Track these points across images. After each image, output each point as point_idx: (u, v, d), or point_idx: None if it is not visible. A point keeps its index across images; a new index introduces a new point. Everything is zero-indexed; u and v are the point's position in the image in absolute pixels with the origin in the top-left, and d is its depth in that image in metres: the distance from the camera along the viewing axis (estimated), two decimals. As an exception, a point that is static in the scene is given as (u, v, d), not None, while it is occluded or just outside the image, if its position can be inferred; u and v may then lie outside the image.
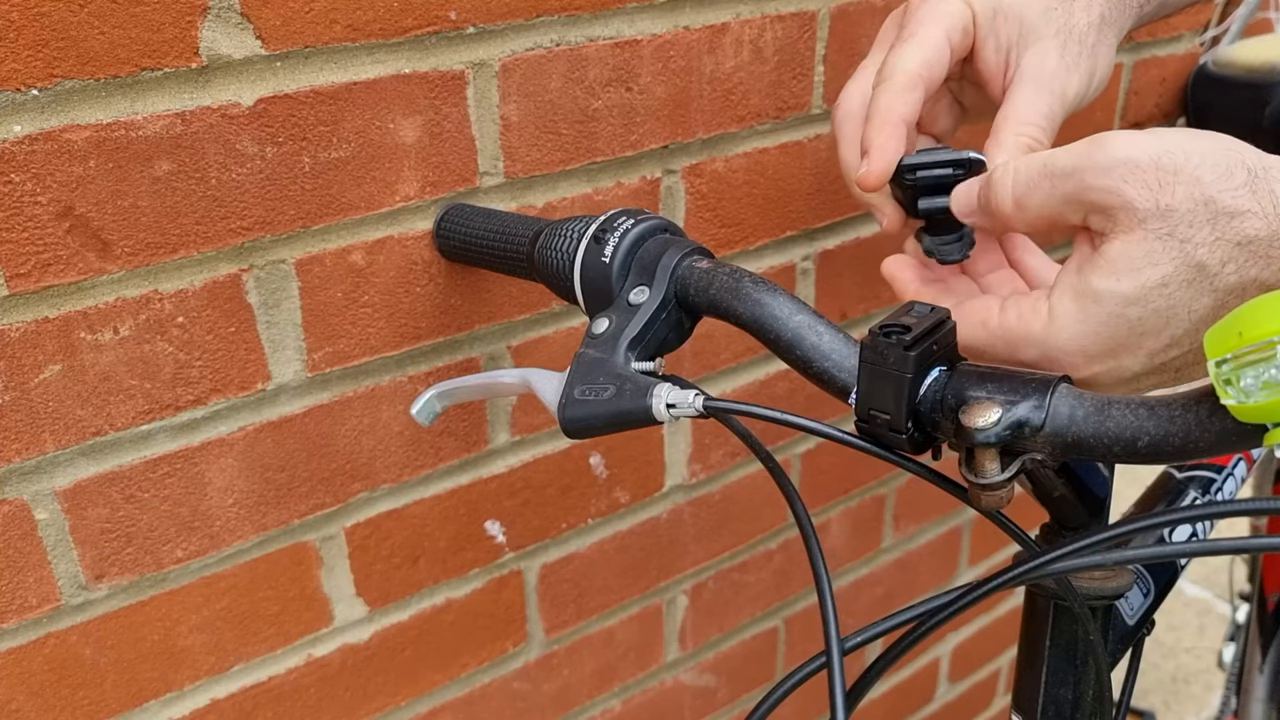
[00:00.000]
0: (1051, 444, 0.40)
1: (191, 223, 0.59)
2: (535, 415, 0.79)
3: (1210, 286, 0.43)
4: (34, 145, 0.53)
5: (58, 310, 0.57)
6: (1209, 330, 0.36)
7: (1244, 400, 0.34)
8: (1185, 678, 1.91)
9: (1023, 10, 0.56)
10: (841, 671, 0.41)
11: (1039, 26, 0.55)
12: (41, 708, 0.64)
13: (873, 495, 1.10)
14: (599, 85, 0.71)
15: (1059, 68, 0.55)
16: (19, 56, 0.51)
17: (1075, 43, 0.55)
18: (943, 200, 0.53)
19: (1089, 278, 0.45)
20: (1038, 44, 0.55)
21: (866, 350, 0.43)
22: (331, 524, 0.72)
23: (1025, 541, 0.47)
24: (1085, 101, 0.57)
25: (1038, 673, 0.57)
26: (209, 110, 0.57)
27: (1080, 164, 0.45)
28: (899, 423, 0.42)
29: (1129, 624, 0.65)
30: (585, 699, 0.95)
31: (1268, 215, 0.42)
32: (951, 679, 1.38)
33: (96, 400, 0.59)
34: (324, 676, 0.76)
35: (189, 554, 0.66)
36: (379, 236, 0.66)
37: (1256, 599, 1.13)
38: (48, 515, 0.61)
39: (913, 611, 0.45)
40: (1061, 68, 0.55)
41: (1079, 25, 0.56)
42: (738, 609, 1.04)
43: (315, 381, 0.67)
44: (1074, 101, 0.56)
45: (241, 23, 0.56)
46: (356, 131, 0.62)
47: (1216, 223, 0.42)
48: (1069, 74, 0.55)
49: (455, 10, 0.63)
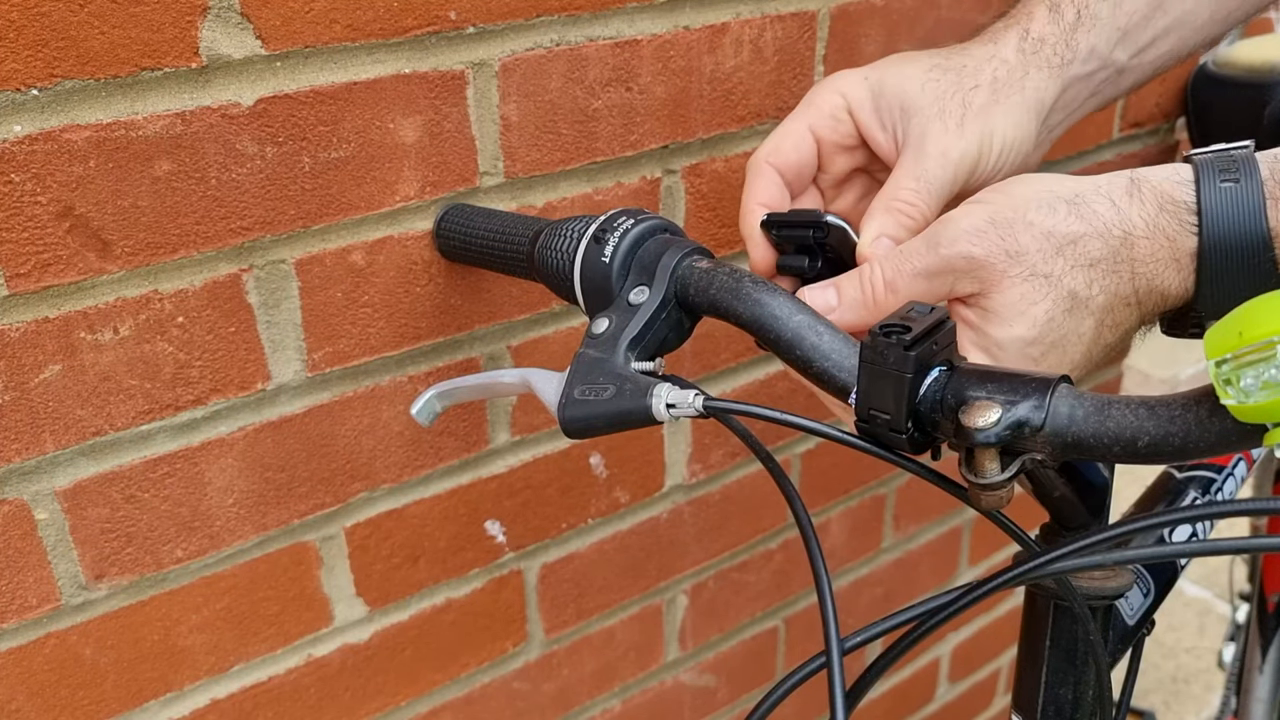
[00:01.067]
0: (1051, 444, 0.40)
1: (191, 223, 0.59)
2: (535, 415, 0.79)
3: (1087, 310, 0.48)
4: (34, 145, 0.53)
5: (58, 310, 0.57)
6: (1209, 330, 0.36)
7: (1244, 400, 0.34)
8: (1185, 678, 1.91)
9: (902, 88, 0.57)
10: (841, 671, 0.41)
11: (917, 99, 0.57)
12: (41, 708, 0.64)
13: (873, 495, 1.10)
14: (599, 85, 0.71)
15: (937, 132, 0.56)
16: (19, 56, 0.51)
17: (958, 107, 0.56)
18: (800, 260, 0.58)
19: (988, 332, 0.49)
20: (917, 115, 0.57)
21: (866, 350, 0.43)
22: (331, 524, 0.72)
23: (1025, 541, 0.47)
24: (994, 164, 0.57)
25: (1038, 673, 0.57)
26: (209, 110, 0.57)
27: (932, 242, 0.49)
28: (899, 423, 0.42)
29: (1129, 624, 0.65)
30: (585, 699, 0.95)
31: (1100, 234, 0.47)
32: (951, 679, 1.38)
33: (96, 400, 0.59)
34: (324, 676, 0.76)
35: (189, 554, 0.66)
36: (379, 236, 0.66)
37: (1256, 599, 1.13)
38: (48, 515, 0.61)
39: (913, 611, 0.45)
40: (939, 131, 0.56)
41: (964, 89, 0.57)
42: (738, 609, 1.04)
43: (315, 381, 0.67)
44: (966, 163, 0.56)
45: (241, 22, 0.56)
46: (356, 131, 0.62)
47: (1064, 252, 0.47)
48: (948, 137, 0.56)
49: (455, 10, 0.63)
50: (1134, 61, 0.62)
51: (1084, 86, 0.61)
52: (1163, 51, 0.63)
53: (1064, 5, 0.60)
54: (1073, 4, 0.60)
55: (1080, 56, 0.60)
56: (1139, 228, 0.46)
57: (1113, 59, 0.61)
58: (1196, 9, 0.62)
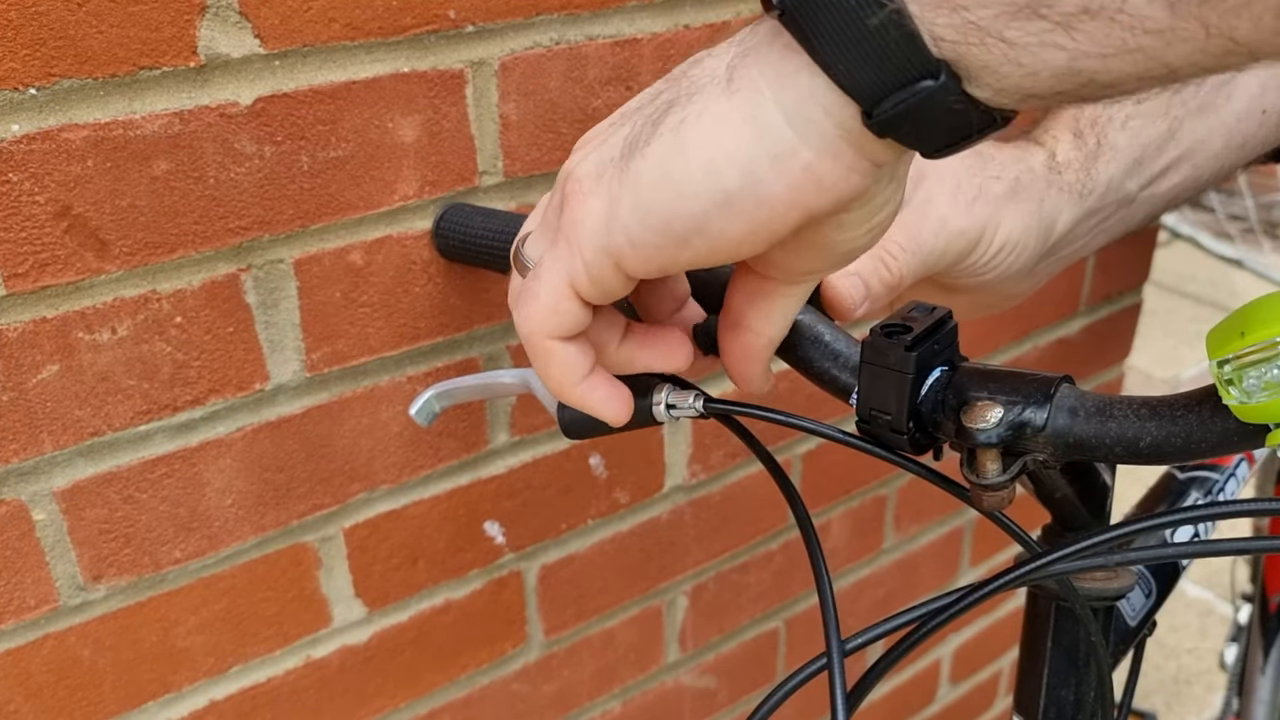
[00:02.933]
0: (1053, 444, 0.40)
1: (190, 222, 0.59)
2: (535, 415, 0.79)
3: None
4: (32, 145, 0.53)
5: (55, 310, 0.57)
6: (1210, 330, 0.36)
7: (1246, 401, 0.34)
8: (1187, 679, 1.91)
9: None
10: (842, 673, 0.40)
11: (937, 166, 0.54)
12: (40, 709, 0.64)
13: (874, 496, 1.10)
14: (599, 84, 0.71)
15: (944, 202, 0.54)
16: (17, 56, 0.51)
17: (973, 189, 0.55)
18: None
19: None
20: (930, 180, 0.54)
21: (867, 350, 0.43)
22: (330, 525, 0.72)
23: (1027, 543, 0.47)
24: (989, 258, 0.56)
25: (1039, 674, 0.57)
26: (207, 109, 0.57)
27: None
28: (900, 423, 0.42)
29: (1131, 625, 0.64)
30: (585, 700, 0.94)
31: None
32: (953, 680, 1.38)
33: (94, 400, 0.59)
34: (323, 678, 0.76)
35: (187, 555, 0.66)
36: (378, 236, 0.66)
37: (1258, 600, 1.13)
38: (46, 516, 0.60)
39: (914, 613, 0.44)
40: (946, 202, 0.54)
41: (985, 175, 0.55)
42: (738, 610, 1.03)
43: (314, 382, 0.67)
44: (961, 242, 0.54)
45: (240, 21, 0.56)
46: (355, 131, 0.62)
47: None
48: (954, 210, 0.54)
49: (454, 9, 0.63)
50: (1145, 193, 0.60)
51: (1094, 221, 0.59)
52: (1175, 183, 0.61)
53: (1086, 132, 0.58)
54: (1093, 131, 0.58)
55: (1099, 190, 0.58)
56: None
57: (1124, 189, 0.59)
58: (1209, 138, 0.60)
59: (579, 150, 0.38)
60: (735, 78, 0.33)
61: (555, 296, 0.37)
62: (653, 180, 0.34)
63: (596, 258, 0.36)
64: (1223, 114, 0.60)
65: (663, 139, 0.33)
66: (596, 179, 0.35)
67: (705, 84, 0.33)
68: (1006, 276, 0.57)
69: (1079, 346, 1.23)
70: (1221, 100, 0.60)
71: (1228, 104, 0.60)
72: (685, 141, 0.33)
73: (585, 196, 0.36)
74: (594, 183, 0.35)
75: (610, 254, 0.35)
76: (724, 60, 0.34)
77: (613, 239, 0.35)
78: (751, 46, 0.33)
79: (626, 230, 0.35)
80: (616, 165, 0.35)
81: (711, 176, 0.33)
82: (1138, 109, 0.59)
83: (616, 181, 0.35)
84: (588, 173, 0.36)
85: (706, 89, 0.33)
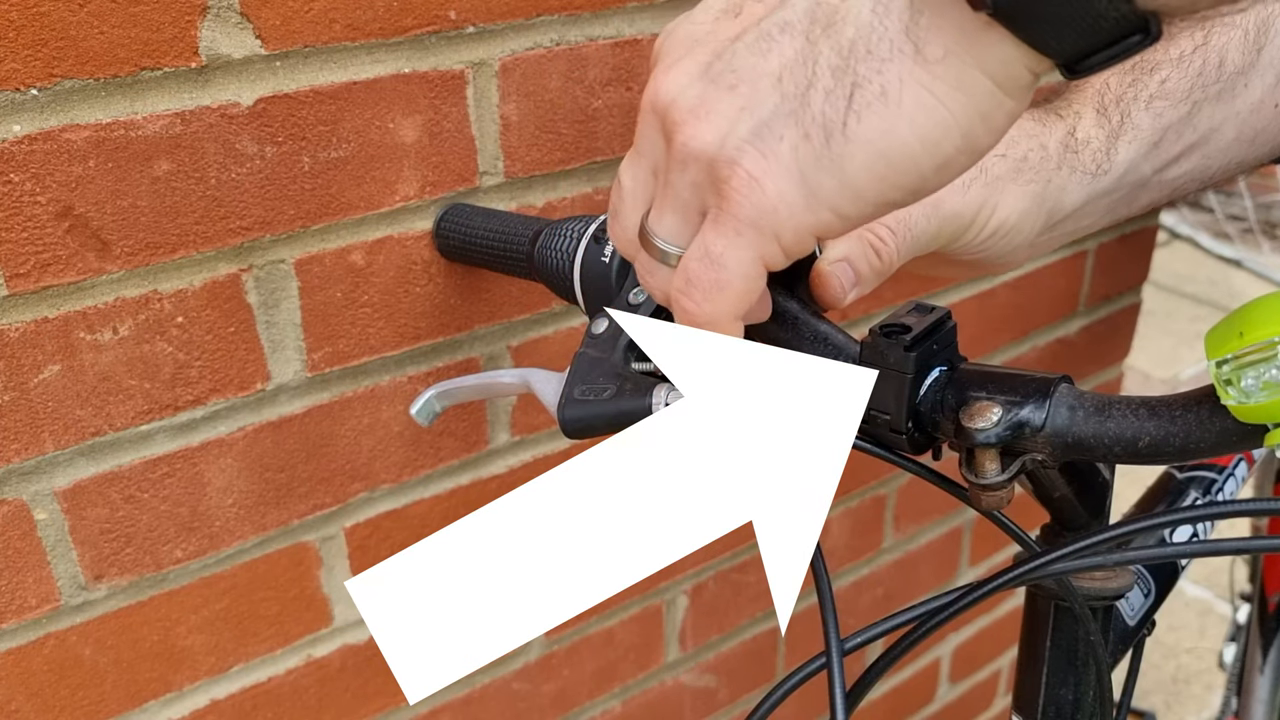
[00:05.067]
0: (1052, 444, 0.40)
1: (191, 222, 0.59)
2: (535, 415, 0.79)
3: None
4: (33, 145, 0.53)
5: (57, 310, 0.57)
6: (1209, 331, 0.36)
7: (1245, 401, 0.34)
8: (1186, 678, 1.91)
9: None
10: (841, 672, 0.40)
11: None
12: (41, 708, 0.64)
13: (873, 495, 1.10)
14: (599, 85, 0.71)
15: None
16: (18, 56, 0.51)
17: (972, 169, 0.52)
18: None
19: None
20: None
21: (867, 350, 0.43)
22: (331, 524, 0.72)
23: (1025, 542, 0.47)
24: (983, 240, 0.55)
25: (1038, 673, 0.57)
26: (208, 110, 0.57)
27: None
28: (899, 423, 0.42)
29: (1130, 624, 0.64)
30: (585, 699, 0.94)
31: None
32: (952, 679, 1.38)
33: (96, 400, 0.59)
34: (324, 677, 0.76)
35: (188, 554, 0.66)
36: (378, 236, 0.66)
37: (1257, 599, 1.13)
38: (47, 515, 0.61)
39: (913, 612, 0.45)
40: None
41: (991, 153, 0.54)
42: (738, 609, 1.03)
43: (315, 381, 0.67)
44: (954, 224, 0.53)
45: (241, 22, 0.56)
46: (356, 131, 0.62)
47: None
48: (949, 190, 0.53)
49: (455, 10, 0.63)
50: (1156, 178, 0.59)
51: (1105, 201, 0.58)
52: (1184, 171, 0.60)
53: (1110, 109, 0.57)
54: (1117, 109, 0.57)
55: (1116, 171, 0.57)
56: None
57: (1140, 171, 0.58)
58: (1223, 127, 0.59)
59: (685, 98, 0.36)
60: (926, 46, 0.32)
61: (749, 281, 0.36)
62: (865, 160, 0.33)
63: (798, 236, 0.35)
64: (1238, 103, 0.60)
65: (865, 117, 0.33)
66: (767, 158, 0.34)
67: (886, 52, 0.33)
68: (1002, 253, 0.57)
69: (1078, 346, 1.24)
70: (1240, 88, 0.59)
71: (1245, 92, 0.59)
72: (895, 117, 0.33)
73: (764, 180, 0.34)
74: (766, 163, 0.34)
75: (815, 230, 0.35)
76: (891, 20, 0.33)
77: (819, 217, 0.35)
78: (925, 8, 0.32)
79: (835, 208, 0.34)
80: (801, 146, 0.34)
81: (930, 146, 0.33)
82: (1162, 89, 0.58)
83: (813, 166, 0.34)
84: (738, 150, 0.34)
85: (894, 59, 0.32)
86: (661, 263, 0.38)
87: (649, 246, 0.39)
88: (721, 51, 0.35)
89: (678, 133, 0.36)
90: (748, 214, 0.35)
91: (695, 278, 0.37)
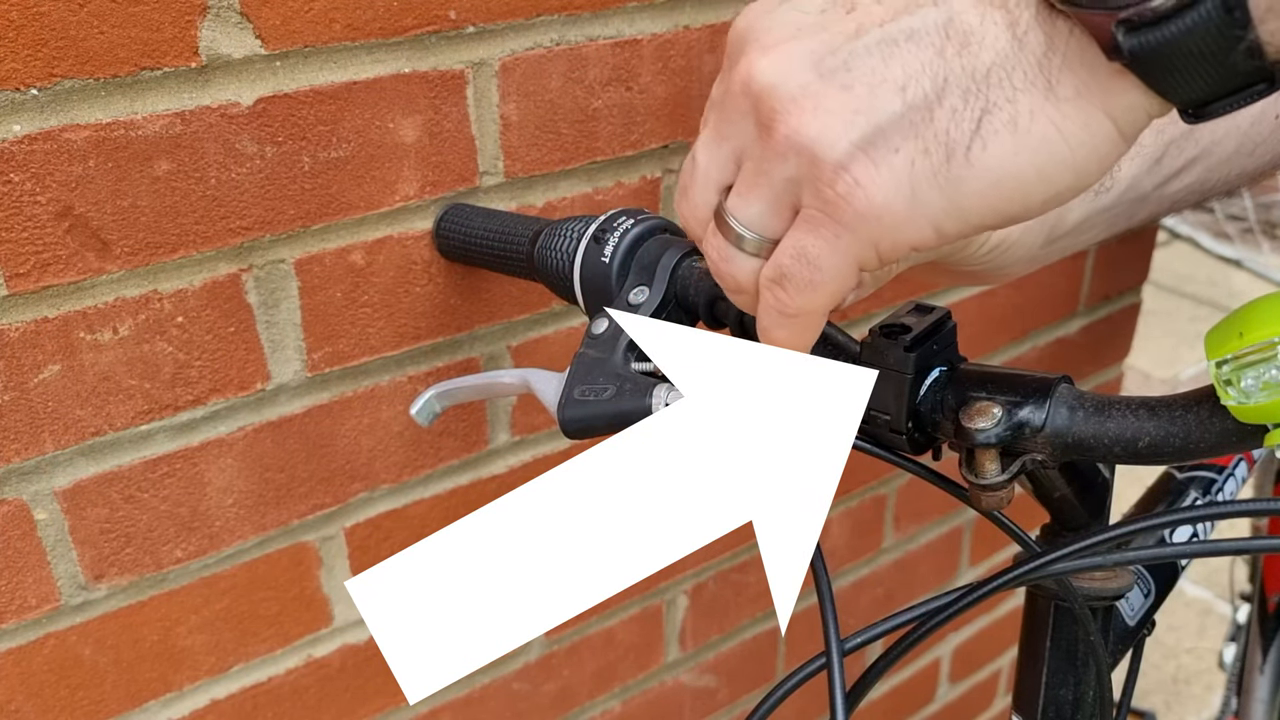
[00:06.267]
0: (1052, 444, 0.40)
1: (191, 222, 0.59)
2: (535, 415, 0.79)
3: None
4: (33, 145, 0.53)
5: (57, 310, 0.57)
6: (1209, 331, 0.36)
7: (1244, 401, 0.34)
8: (1186, 678, 1.91)
9: None
10: (842, 672, 0.41)
11: None
12: (41, 708, 0.64)
13: (873, 495, 1.10)
14: (599, 85, 0.71)
15: None
16: (18, 56, 0.51)
17: None
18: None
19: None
20: None
21: (867, 350, 0.43)
22: (331, 524, 0.72)
23: (1025, 542, 0.47)
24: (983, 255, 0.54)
25: (1038, 673, 0.57)
26: (209, 110, 0.57)
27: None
28: (899, 423, 0.42)
29: (1129, 624, 0.64)
30: (585, 699, 0.94)
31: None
32: (952, 679, 1.38)
33: (96, 400, 0.59)
34: (324, 677, 0.76)
35: (188, 554, 0.66)
36: (378, 236, 0.66)
37: (1257, 599, 1.13)
38: (47, 515, 0.61)
39: (913, 612, 0.45)
40: None
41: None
42: (738, 609, 1.03)
43: (315, 381, 0.67)
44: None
45: (241, 22, 0.56)
46: (356, 131, 0.62)
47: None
48: None
49: (455, 9, 0.63)
50: (1157, 192, 0.59)
51: (1105, 217, 0.58)
52: (1185, 184, 0.60)
53: None
54: None
55: (1118, 189, 0.57)
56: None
57: (1141, 187, 0.58)
58: (1224, 140, 0.59)
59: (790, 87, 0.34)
60: (1058, 83, 0.32)
61: (843, 281, 0.36)
62: (982, 187, 0.33)
63: (896, 247, 0.35)
64: (1239, 116, 0.59)
65: (992, 145, 0.33)
66: (878, 168, 0.33)
67: (1021, 82, 0.32)
68: (1001, 267, 0.57)
69: (1078, 346, 1.24)
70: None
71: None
72: (1020, 148, 0.33)
73: (872, 190, 0.34)
74: (876, 172, 0.33)
75: (913, 243, 0.35)
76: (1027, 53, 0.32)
77: (921, 232, 0.34)
78: (1059, 48, 0.32)
79: (937, 225, 0.34)
80: (919, 160, 0.33)
81: (1045, 180, 0.33)
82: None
83: (927, 183, 0.33)
84: (849, 155, 0.33)
85: (1027, 91, 0.32)
86: (737, 247, 0.38)
87: (725, 229, 0.38)
88: (836, 47, 0.34)
89: (779, 122, 0.34)
90: (849, 221, 0.34)
91: (790, 273, 0.36)
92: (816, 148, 0.34)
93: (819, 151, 0.34)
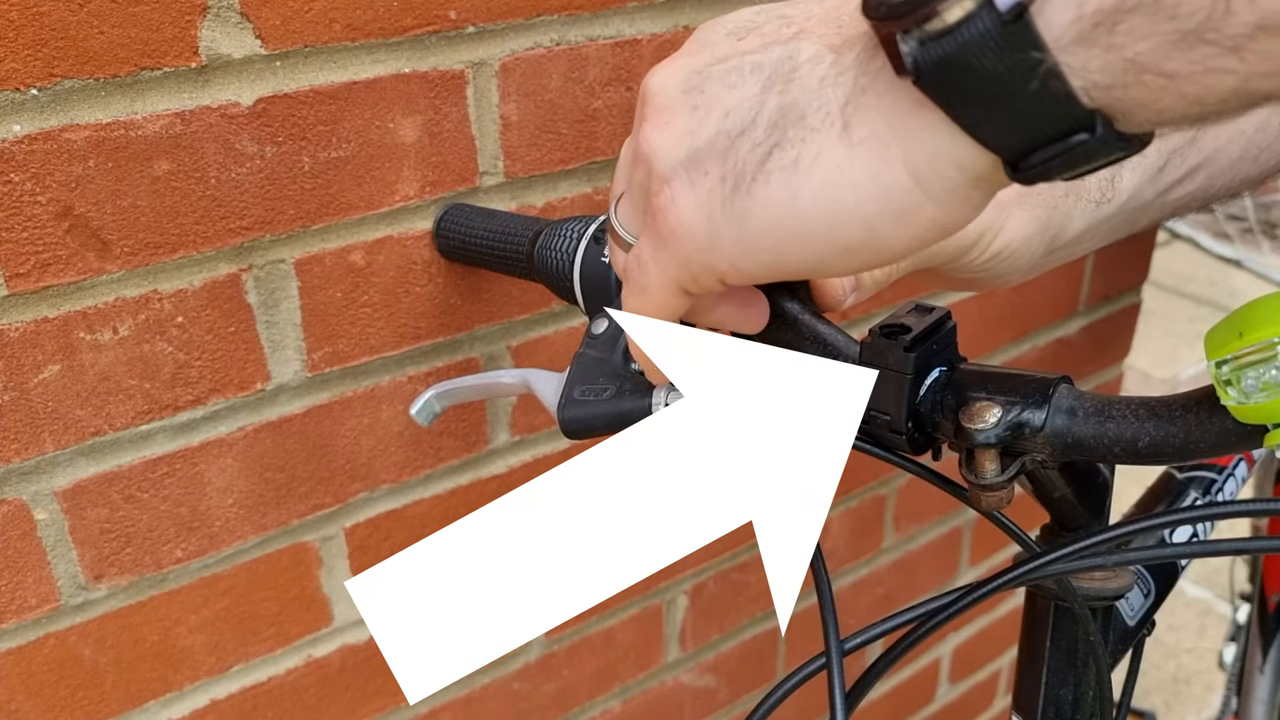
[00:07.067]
0: (1051, 445, 0.40)
1: (191, 222, 0.59)
2: (535, 415, 0.79)
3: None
4: (33, 145, 0.53)
5: (57, 310, 0.57)
6: (1209, 331, 0.36)
7: (1244, 401, 0.34)
8: (1186, 678, 1.91)
9: None
10: (841, 672, 0.41)
11: None
12: (41, 708, 0.64)
13: (873, 495, 1.10)
14: (599, 85, 0.71)
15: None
16: (18, 56, 0.51)
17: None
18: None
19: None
20: None
21: (866, 351, 0.43)
22: (331, 524, 0.72)
23: (1025, 542, 0.47)
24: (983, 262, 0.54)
25: (1038, 673, 0.57)
26: (208, 110, 0.57)
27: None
28: (899, 423, 0.42)
29: (1129, 624, 0.64)
30: (585, 699, 0.94)
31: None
32: (952, 679, 1.38)
33: (96, 400, 0.59)
34: (324, 677, 0.76)
35: (188, 554, 0.66)
36: (378, 236, 0.66)
37: (1257, 599, 1.13)
38: (47, 515, 0.61)
39: (913, 612, 0.45)
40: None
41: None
42: (738, 609, 1.03)
43: (315, 381, 0.67)
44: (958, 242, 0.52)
45: (241, 22, 0.56)
46: (356, 131, 0.62)
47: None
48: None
49: (455, 9, 0.63)
50: (1159, 200, 0.58)
51: (1106, 226, 0.57)
52: (1188, 191, 0.59)
53: None
54: None
55: (1120, 199, 0.56)
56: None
57: (1143, 196, 0.57)
58: (1228, 146, 0.58)
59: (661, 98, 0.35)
60: (854, 125, 0.31)
61: (664, 294, 0.36)
62: (761, 225, 0.32)
63: (701, 272, 0.35)
64: (1243, 122, 0.58)
65: (772, 181, 0.32)
66: (693, 188, 0.34)
67: (818, 122, 0.31)
68: (1001, 274, 0.57)
69: (1078, 346, 1.24)
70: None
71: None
72: (799, 190, 0.31)
73: (682, 208, 0.34)
74: (689, 193, 0.34)
75: (715, 273, 0.35)
76: (837, 91, 0.31)
77: (717, 262, 0.34)
78: (871, 87, 0.30)
79: (731, 259, 0.34)
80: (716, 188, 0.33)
81: (829, 230, 0.32)
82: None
83: (719, 211, 0.33)
84: (673, 170, 0.34)
85: (821, 130, 0.31)
86: (618, 245, 0.39)
87: (610, 225, 0.39)
88: (704, 69, 0.35)
89: (641, 128, 0.36)
90: (664, 235, 0.35)
91: (628, 274, 0.37)
92: (653, 159, 0.35)
93: (653, 163, 0.35)
